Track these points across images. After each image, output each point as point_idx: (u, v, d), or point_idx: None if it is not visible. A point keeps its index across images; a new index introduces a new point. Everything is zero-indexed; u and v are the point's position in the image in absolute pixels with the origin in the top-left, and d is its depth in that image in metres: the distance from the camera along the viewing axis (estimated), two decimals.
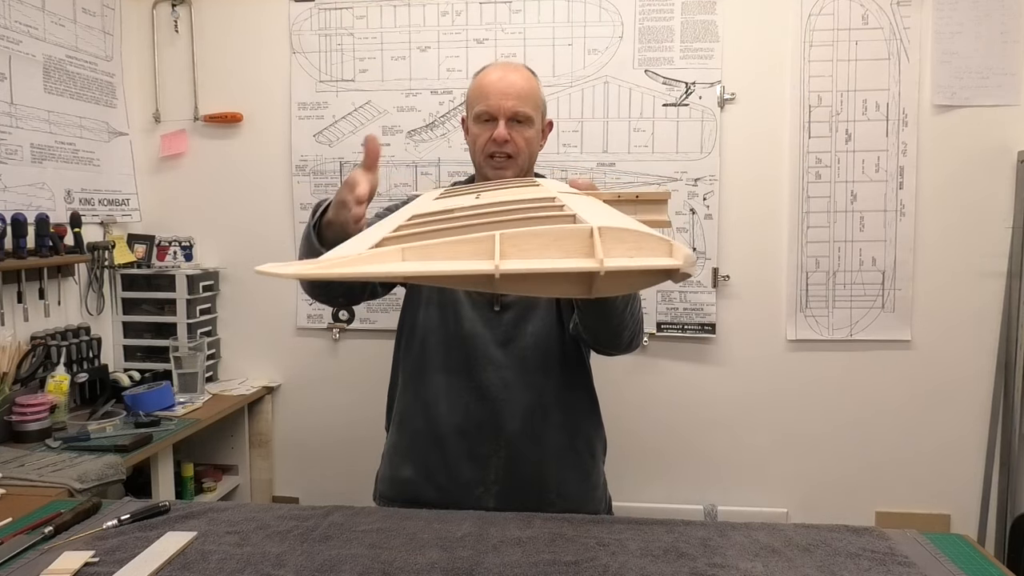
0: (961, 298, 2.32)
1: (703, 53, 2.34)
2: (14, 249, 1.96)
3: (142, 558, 1.02)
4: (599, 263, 0.50)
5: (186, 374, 2.32)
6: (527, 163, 1.43)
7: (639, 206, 0.98)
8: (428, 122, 2.45)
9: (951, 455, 2.35)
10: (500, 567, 1.00)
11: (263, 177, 2.54)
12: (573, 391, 1.43)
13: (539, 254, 0.52)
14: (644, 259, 0.52)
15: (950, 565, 1.01)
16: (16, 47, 2.06)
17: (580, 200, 0.84)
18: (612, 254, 0.51)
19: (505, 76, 1.41)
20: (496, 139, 1.38)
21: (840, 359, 2.37)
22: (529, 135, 1.41)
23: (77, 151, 2.29)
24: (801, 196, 2.34)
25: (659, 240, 0.54)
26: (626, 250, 0.52)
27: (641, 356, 2.41)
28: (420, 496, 1.38)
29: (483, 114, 1.40)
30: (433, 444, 1.40)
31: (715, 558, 1.03)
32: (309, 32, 2.47)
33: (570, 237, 0.52)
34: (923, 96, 2.29)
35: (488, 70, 1.45)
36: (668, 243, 0.54)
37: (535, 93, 1.43)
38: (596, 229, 0.52)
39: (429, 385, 1.41)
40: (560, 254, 0.52)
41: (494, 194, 0.95)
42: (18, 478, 1.57)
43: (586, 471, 1.44)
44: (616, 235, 0.52)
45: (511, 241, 0.51)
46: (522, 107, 1.39)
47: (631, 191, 0.99)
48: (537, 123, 1.43)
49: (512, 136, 1.39)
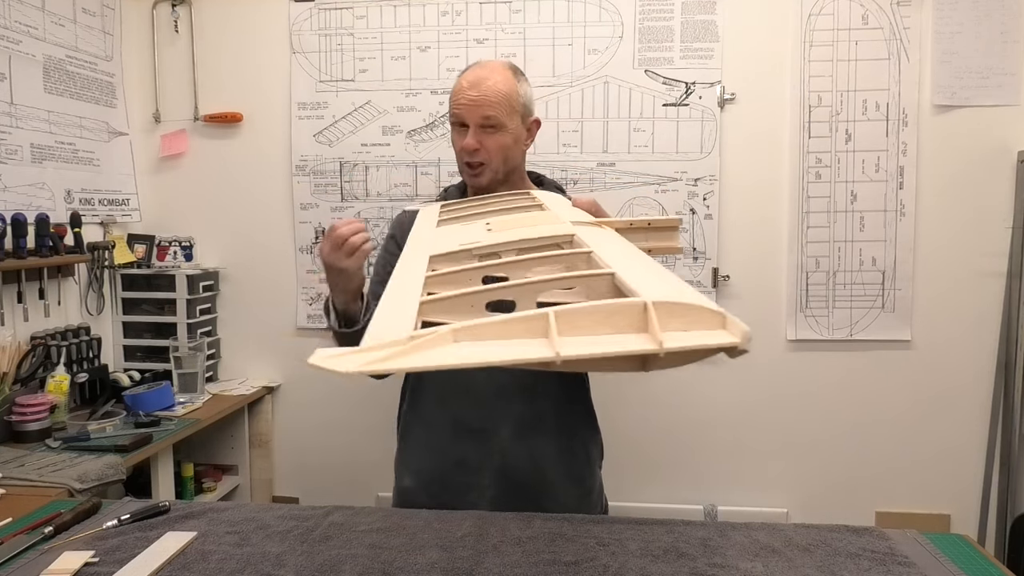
0: (961, 298, 2.32)
1: (703, 53, 2.34)
2: (14, 249, 1.96)
3: (142, 558, 1.01)
4: (659, 345, 0.49)
5: (186, 374, 2.32)
6: (502, 168, 1.39)
7: (651, 233, 0.98)
8: (428, 122, 2.45)
9: (951, 455, 2.35)
10: (500, 567, 1.00)
11: (263, 177, 2.54)
12: (569, 397, 1.42)
13: (592, 330, 0.52)
14: (703, 338, 0.52)
15: (950, 565, 1.01)
16: (16, 47, 2.06)
17: (598, 236, 0.83)
18: (667, 329, 0.51)
19: (478, 81, 1.37)
20: (464, 148, 1.36)
21: (840, 359, 2.37)
22: (503, 141, 1.37)
23: (77, 151, 2.29)
24: (801, 196, 2.34)
25: (712, 313, 0.54)
26: (681, 324, 0.52)
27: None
28: (417, 505, 1.39)
29: (454, 120, 1.40)
30: (429, 452, 1.40)
31: (715, 558, 1.03)
32: (309, 32, 2.47)
33: (624, 312, 0.52)
34: (923, 96, 2.29)
35: (464, 73, 1.42)
36: (722, 316, 0.54)
37: (510, 95, 1.37)
38: (651, 305, 0.52)
39: (427, 394, 1.42)
40: (613, 330, 0.52)
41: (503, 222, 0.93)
42: (18, 478, 1.57)
43: (580, 477, 1.43)
44: (669, 309, 0.52)
45: (564, 318, 0.52)
46: (491, 112, 1.35)
47: (643, 219, 0.98)
48: (513, 126, 1.38)
49: (483, 143, 1.36)
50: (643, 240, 0.96)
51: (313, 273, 2.54)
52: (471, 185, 1.43)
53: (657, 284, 0.62)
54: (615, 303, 0.53)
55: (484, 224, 0.95)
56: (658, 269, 0.71)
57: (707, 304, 0.54)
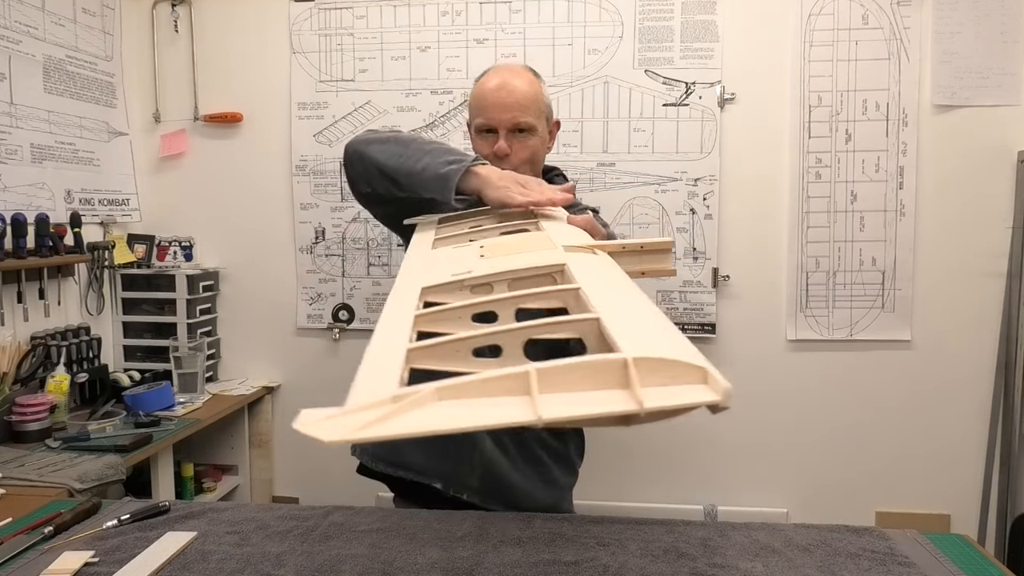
0: (961, 298, 2.32)
1: (703, 53, 2.34)
2: (14, 249, 1.96)
3: (142, 558, 1.01)
4: (639, 405, 0.51)
5: (186, 374, 2.32)
6: (530, 173, 1.38)
7: (644, 256, 0.98)
8: (428, 122, 2.45)
9: (951, 455, 2.35)
10: (500, 567, 1.00)
11: (263, 177, 2.54)
12: None
13: (574, 387, 0.53)
14: (683, 395, 0.53)
15: (950, 565, 1.01)
16: (16, 47, 2.06)
17: (589, 266, 0.84)
18: (647, 384, 0.53)
19: (504, 84, 1.36)
20: (497, 153, 1.34)
21: (840, 359, 2.37)
22: (532, 144, 1.37)
23: (77, 151, 2.29)
24: (801, 196, 2.34)
25: (695, 369, 0.55)
26: (661, 380, 0.54)
27: None
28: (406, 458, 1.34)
29: (483, 126, 1.37)
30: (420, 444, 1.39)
31: (715, 558, 1.03)
32: (309, 32, 2.47)
33: (605, 369, 0.54)
34: (923, 96, 2.29)
35: (487, 76, 1.40)
36: (703, 371, 0.55)
37: (538, 98, 1.38)
38: (631, 361, 0.53)
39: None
40: (595, 386, 0.54)
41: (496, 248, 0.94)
42: (18, 478, 1.57)
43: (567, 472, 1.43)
44: (651, 366, 0.54)
45: (546, 376, 0.53)
46: (523, 117, 1.35)
47: (635, 241, 0.98)
48: (540, 129, 1.39)
49: (514, 148, 1.35)
50: (636, 263, 0.96)
51: (313, 273, 2.54)
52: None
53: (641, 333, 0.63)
54: (596, 360, 0.54)
55: (478, 247, 0.96)
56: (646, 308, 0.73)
57: (689, 359, 0.55)
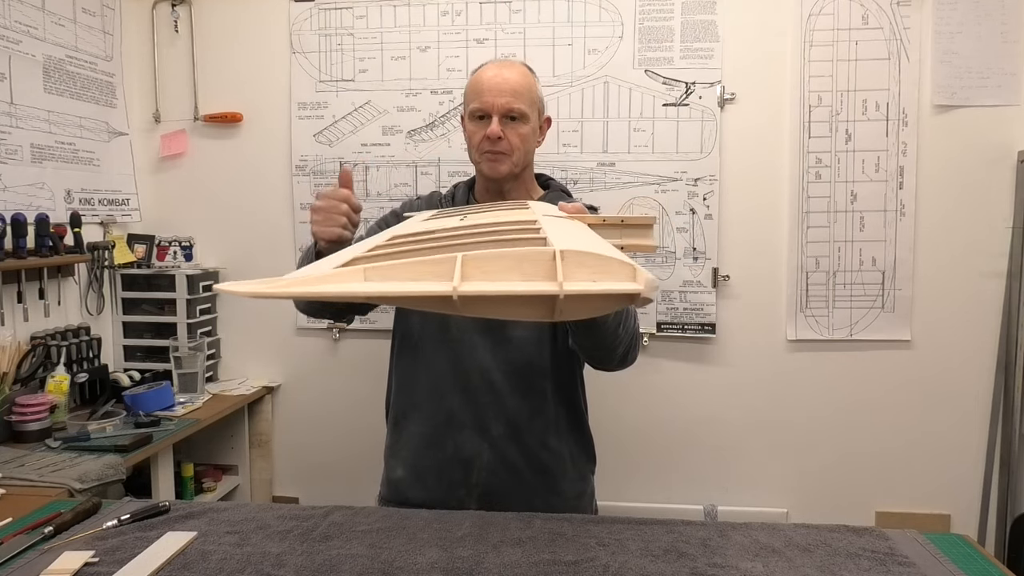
0: (961, 298, 2.32)
1: (703, 53, 2.34)
2: (14, 249, 1.96)
3: (142, 558, 1.01)
4: (559, 287, 0.49)
5: (186, 374, 2.32)
6: (522, 160, 1.41)
7: (625, 231, 0.98)
8: (428, 122, 2.45)
9: (951, 455, 2.35)
10: (500, 567, 1.00)
11: (263, 177, 2.54)
12: (561, 397, 1.42)
13: (501, 277, 0.51)
14: (604, 284, 0.51)
15: (950, 565, 1.01)
16: (16, 47, 2.06)
17: (561, 224, 0.83)
18: (574, 278, 0.51)
19: (500, 73, 1.41)
20: (489, 136, 1.37)
21: (840, 359, 2.37)
22: (524, 132, 1.40)
23: (77, 151, 2.29)
24: (801, 196, 2.34)
25: (623, 264, 0.53)
26: (589, 274, 0.52)
27: (641, 356, 2.37)
28: (408, 497, 1.40)
29: (477, 111, 1.40)
30: (422, 445, 1.41)
31: (715, 558, 1.03)
32: (309, 32, 2.47)
33: (533, 260, 0.52)
34: (923, 96, 2.29)
35: (484, 67, 1.44)
36: (632, 267, 0.54)
37: (531, 90, 1.42)
38: (559, 252, 0.52)
39: (419, 388, 1.42)
40: (522, 277, 0.51)
41: (479, 216, 0.95)
42: (18, 478, 1.57)
43: (571, 480, 1.43)
44: (579, 259, 0.52)
45: (473, 263, 0.51)
46: (516, 103, 1.38)
47: (616, 216, 0.98)
48: (533, 120, 1.42)
49: (506, 133, 1.38)
50: (617, 237, 0.96)
51: None
52: (489, 173, 1.41)
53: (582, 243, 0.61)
54: (524, 251, 0.52)
55: (459, 218, 0.95)
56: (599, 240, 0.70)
57: (618, 256, 0.54)
